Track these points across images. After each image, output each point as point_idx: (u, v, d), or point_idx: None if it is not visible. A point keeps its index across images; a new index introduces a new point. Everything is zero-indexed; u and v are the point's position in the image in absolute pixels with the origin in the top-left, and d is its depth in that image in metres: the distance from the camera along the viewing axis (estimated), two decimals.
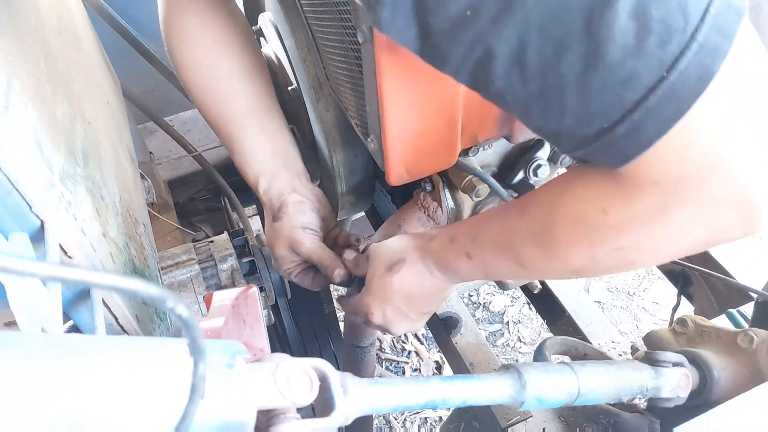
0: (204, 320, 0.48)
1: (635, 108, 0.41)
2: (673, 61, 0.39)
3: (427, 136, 0.75)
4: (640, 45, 0.39)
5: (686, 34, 0.38)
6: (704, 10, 0.38)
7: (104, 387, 0.33)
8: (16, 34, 0.55)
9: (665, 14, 0.38)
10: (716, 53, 0.39)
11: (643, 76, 0.39)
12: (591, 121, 0.43)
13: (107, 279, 0.25)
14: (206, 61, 0.93)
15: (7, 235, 0.46)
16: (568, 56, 0.41)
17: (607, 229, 0.53)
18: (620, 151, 0.44)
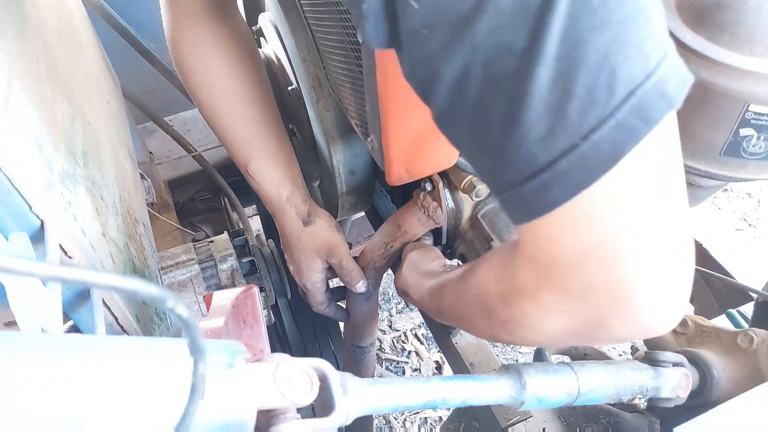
0: (204, 320, 0.48)
1: (547, 167, 0.41)
2: (589, 131, 0.39)
3: (427, 136, 0.75)
4: (562, 107, 0.39)
5: (607, 108, 0.39)
6: (630, 92, 0.39)
7: (104, 387, 0.33)
8: (16, 34, 0.55)
9: (592, 84, 0.38)
10: (631, 135, 0.39)
11: (559, 139, 0.40)
12: (505, 171, 0.44)
13: (107, 279, 0.25)
14: (219, 71, 0.94)
15: (7, 235, 0.46)
16: (499, 98, 0.41)
17: (497, 299, 0.55)
18: (526, 207, 0.44)
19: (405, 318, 2.52)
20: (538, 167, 0.41)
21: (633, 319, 0.46)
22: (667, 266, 0.45)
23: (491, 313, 0.58)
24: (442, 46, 0.41)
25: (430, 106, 0.47)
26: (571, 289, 0.47)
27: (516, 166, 0.43)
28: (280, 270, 1.18)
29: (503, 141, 0.42)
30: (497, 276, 0.56)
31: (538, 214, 0.44)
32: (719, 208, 2.95)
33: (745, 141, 0.73)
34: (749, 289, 1.01)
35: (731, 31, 0.70)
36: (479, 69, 0.41)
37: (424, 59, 0.43)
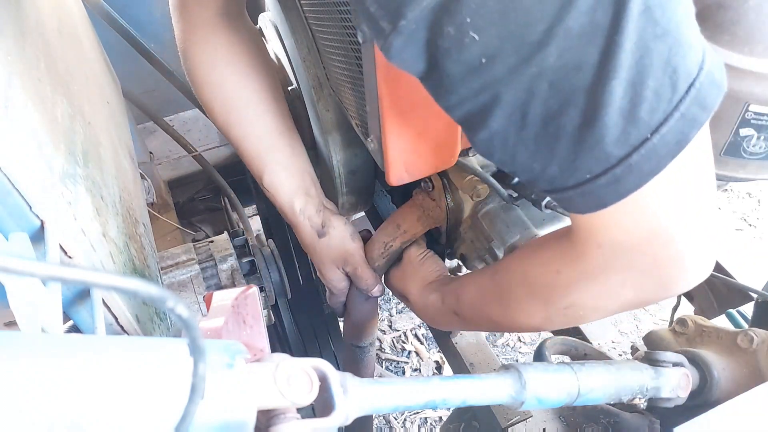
0: (204, 320, 0.48)
1: (618, 163, 0.45)
2: (658, 125, 0.43)
3: (427, 136, 0.75)
4: (633, 110, 0.43)
5: (672, 103, 0.43)
6: (690, 84, 0.43)
7: (104, 387, 0.33)
8: (17, 34, 0.55)
9: (659, 86, 0.42)
10: (693, 123, 0.44)
11: (631, 137, 0.44)
12: (575, 172, 0.47)
13: (107, 279, 0.25)
14: (234, 81, 0.94)
15: (7, 235, 0.46)
16: (570, 110, 0.44)
17: (559, 287, 0.61)
18: (596, 199, 0.48)
19: (405, 318, 2.52)
20: (610, 164, 0.45)
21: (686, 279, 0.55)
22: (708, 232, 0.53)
23: (549, 302, 0.63)
24: (507, 72, 0.43)
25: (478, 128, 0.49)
26: (638, 267, 0.54)
27: (587, 167, 0.46)
28: (280, 270, 1.18)
29: (575, 147, 0.46)
30: (557, 267, 0.60)
31: (609, 203, 0.48)
32: (719, 208, 2.94)
33: (745, 141, 0.73)
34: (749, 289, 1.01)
35: (731, 31, 0.70)
36: (545, 87, 0.43)
37: (481, 87, 0.45)
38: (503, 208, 0.92)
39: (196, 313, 1.01)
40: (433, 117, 0.72)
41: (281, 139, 0.98)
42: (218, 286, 1.10)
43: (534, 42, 0.41)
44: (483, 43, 0.42)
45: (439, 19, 0.42)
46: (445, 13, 0.41)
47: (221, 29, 0.92)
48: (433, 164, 0.82)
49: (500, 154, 0.50)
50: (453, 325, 0.87)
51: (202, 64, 0.94)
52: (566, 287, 0.60)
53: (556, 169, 0.48)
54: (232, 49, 0.93)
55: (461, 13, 0.41)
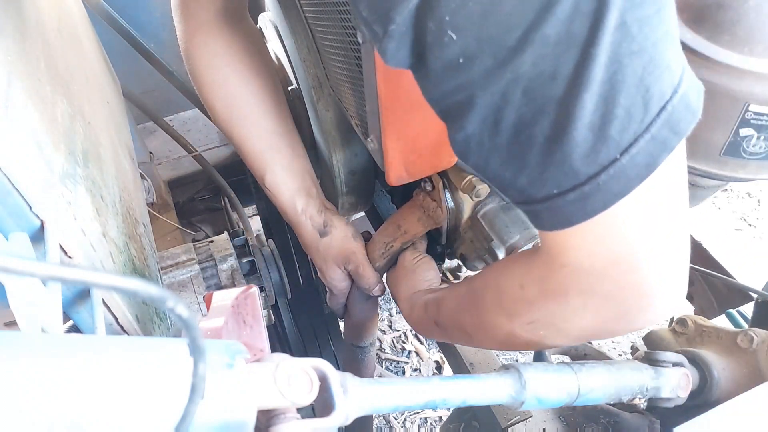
0: (204, 320, 0.48)
1: (587, 181, 0.44)
2: (627, 146, 0.43)
3: (427, 136, 0.75)
4: (604, 127, 0.42)
5: (643, 124, 0.42)
6: (662, 106, 0.42)
7: (104, 387, 0.33)
8: (16, 34, 0.55)
9: (630, 104, 0.42)
10: (664, 146, 0.43)
11: (600, 155, 0.43)
12: (544, 185, 0.46)
13: (107, 279, 0.25)
14: (236, 82, 0.95)
15: (7, 235, 0.46)
16: (542, 120, 0.43)
17: (523, 302, 0.60)
18: (563, 216, 0.47)
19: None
20: (579, 181, 0.45)
21: (651, 310, 0.53)
22: (677, 260, 0.52)
23: (513, 316, 0.62)
24: (483, 74, 0.43)
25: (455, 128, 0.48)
26: (599, 292, 0.52)
27: (556, 181, 0.46)
28: (280, 270, 1.18)
29: (545, 159, 0.45)
30: (521, 282, 0.60)
31: (576, 221, 0.47)
32: (719, 208, 2.95)
33: (745, 141, 0.73)
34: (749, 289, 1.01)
35: (731, 31, 0.70)
36: (519, 94, 0.43)
37: (458, 86, 0.45)
38: (503, 208, 0.92)
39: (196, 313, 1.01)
40: (433, 117, 0.72)
41: (282, 139, 0.98)
42: (218, 286, 1.10)
43: (511, 47, 0.41)
44: (461, 43, 0.42)
45: (422, 15, 0.42)
46: (427, 8, 0.42)
47: (222, 30, 0.93)
48: (433, 164, 0.82)
49: (475, 159, 0.50)
50: (434, 335, 0.86)
51: (204, 65, 0.94)
52: (529, 303, 0.60)
53: (525, 180, 0.48)
54: (233, 50, 0.94)
55: (441, 10, 0.41)
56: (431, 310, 0.83)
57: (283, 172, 0.98)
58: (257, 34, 1.01)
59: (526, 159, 0.46)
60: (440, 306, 0.81)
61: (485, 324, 0.68)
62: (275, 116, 0.98)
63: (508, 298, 0.63)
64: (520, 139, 0.45)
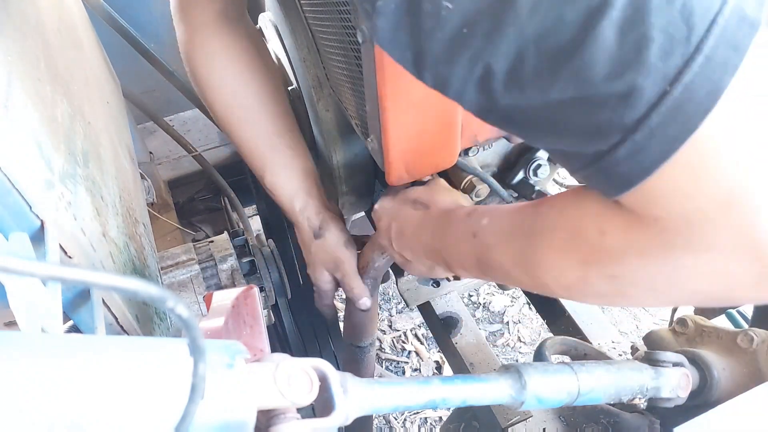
0: (204, 320, 0.48)
1: (637, 127, 0.37)
2: (677, 73, 0.36)
3: (427, 136, 0.75)
4: (639, 56, 0.36)
5: (690, 45, 0.35)
6: (711, 21, 0.35)
7: (104, 387, 0.33)
8: (16, 34, 0.55)
9: (666, 23, 0.35)
10: (725, 67, 0.36)
11: (644, 90, 0.36)
12: (590, 141, 0.41)
13: (107, 279, 0.25)
14: (235, 83, 0.95)
15: (7, 235, 0.46)
16: (563, 72, 0.38)
17: (602, 251, 0.48)
18: (621, 176, 0.41)
19: (405, 318, 2.52)
20: (625, 129, 0.38)
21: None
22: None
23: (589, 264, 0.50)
24: (487, 36, 0.39)
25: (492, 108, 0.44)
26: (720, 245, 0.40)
27: (600, 135, 0.39)
28: (280, 270, 1.18)
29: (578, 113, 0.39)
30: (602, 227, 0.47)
31: (634, 182, 0.40)
32: None
33: None
34: None
35: None
36: (532, 48, 0.38)
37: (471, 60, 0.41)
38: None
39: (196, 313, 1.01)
40: (433, 117, 0.72)
41: (282, 139, 0.98)
42: (218, 286, 1.10)
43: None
44: (458, 10, 0.39)
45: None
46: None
47: (221, 32, 0.93)
48: (433, 164, 0.82)
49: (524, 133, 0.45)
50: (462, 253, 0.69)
51: (204, 67, 0.95)
52: (612, 255, 0.47)
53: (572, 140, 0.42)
54: (232, 51, 0.94)
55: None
56: (475, 217, 0.67)
57: (283, 172, 0.98)
58: (256, 35, 1.01)
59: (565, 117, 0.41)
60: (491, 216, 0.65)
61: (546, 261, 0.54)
62: (275, 116, 0.98)
63: (583, 242, 0.49)
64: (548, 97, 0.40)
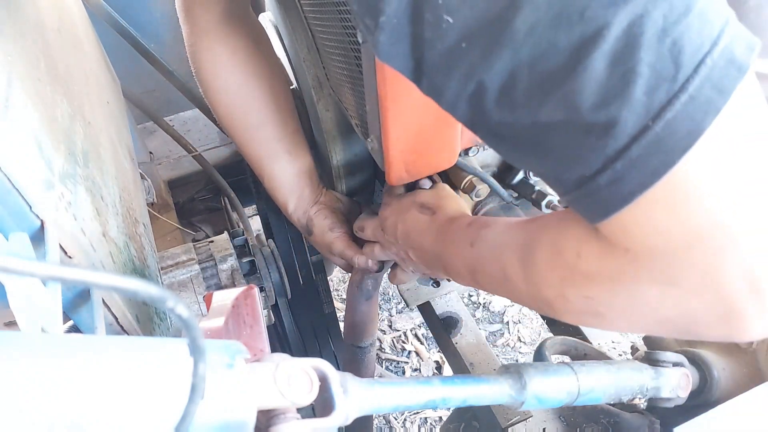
0: (204, 320, 0.48)
1: (618, 156, 0.38)
2: (660, 110, 0.37)
3: (427, 136, 0.75)
4: (625, 90, 0.37)
5: (676, 83, 0.36)
6: (699, 61, 0.36)
7: (104, 387, 0.33)
8: (16, 34, 0.55)
9: (655, 60, 0.36)
10: (708, 108, 0.36)
11: (627, 123, 0.37)
12: (573, 167, 0.41)
13: (107, 279, 0.25)
14: (237, 88, 0.98)
15: (7, 235, 0.46)
16: (552, 96, 0.39)
17: (578, 273, 0.49)
18: (601, 203, 0.41)
19: (405, 318, 2.52)
20: (607, 157, 0.39)
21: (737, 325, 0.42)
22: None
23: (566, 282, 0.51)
24: (483, 53, 0.40)
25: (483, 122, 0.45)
26: (684, 281, 0.41)
27: (583, 161, 0.40)
28: (280, 270, 1.18)
29: (563, 137, 0.40)
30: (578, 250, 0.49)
31: (612, 210, 0.41)
32: None
33: None
34: None
35: None
36: (525, 70, 0.39)
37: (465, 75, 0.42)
38: (503, 208, 0.92)
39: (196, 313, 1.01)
40: (433, 117, 0.72)
41: (281, 144, 1.02)
42: (218, 286, 1.10)
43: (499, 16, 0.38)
44: (458, 24, 0.39)
45: (418, 6, 0.40)
46: None
47: (225, 34, 0.95)
48: (433, 164, 0.82)
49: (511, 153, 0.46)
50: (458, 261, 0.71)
51: (208, 70, 0.97)
52: (586, 277, 0.49)
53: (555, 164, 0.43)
54: (236, 55, 0.96)
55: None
56: (474, 228, 0.70)
57: (279, 177, 1.04)
58: (261, 33, 1.02)
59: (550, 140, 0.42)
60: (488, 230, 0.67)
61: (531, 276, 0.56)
62: (276, 121, 1.01)
63: (562, 261, 0.51)
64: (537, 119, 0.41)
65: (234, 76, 0.97)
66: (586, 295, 0.50)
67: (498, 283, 0.64)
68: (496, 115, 0.43)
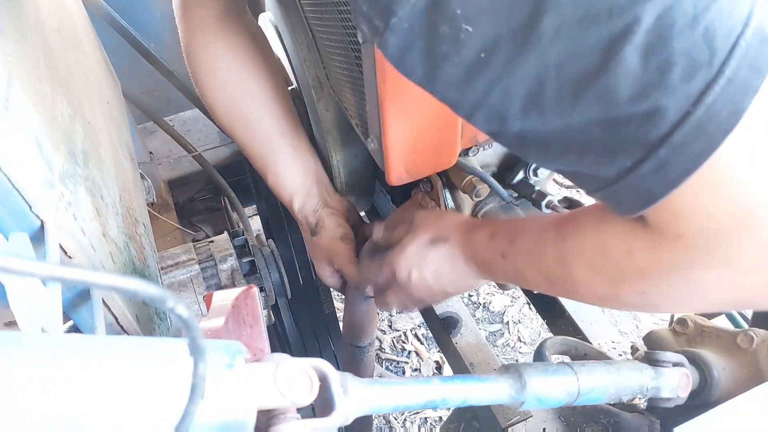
0: (204, 320, 0.48)
1: (661, 143, 0.39)
2: (700, 95, 0.37)
3: (427, 136, 0.75)
4: (662, 78, 0.37)
5: (713, 67, 0.37)
6: (733, 43, 0.37)
7: (104, 387, 0.33)
8: (16, 34, 0.55)
9: (689, 47, 0.37)
10: (747, 88, 0.37)
11: (668, 111, 0.38)
12: (613, 159, 0.42)
13: (107, 279, 0.25)
14: (235, 84, 0.96)
15: (7, 235, 0.46)
16: (587, 95, 0.39)
17: (630, 270, 0.50)
18: (646, 191, 0.42)
19: (405, 318, 2.52)
20: (651, 145, 0.39)
21: None
22: None
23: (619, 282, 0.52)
24: (507, 60, 0.40)
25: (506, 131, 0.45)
26: (739, 261, 0.43)
27: (625, 152, 0.41)
28: (280, 270, 1.18)
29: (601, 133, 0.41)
30: (628, 247, 0.50)
31: (658, 196, 0.41)
32: None
33: None
34: None
35: None
36: (553, 73, 0.39)
37: (488, 85, 0.42)
38: (503, 208, 0.92)
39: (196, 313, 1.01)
40: (433, 117, 0.72)
41: (284, 139, 1.00)
42: (218, 286, 1.10)
43: (524, 22, 0.38)
44: (478, 34, 0.39)
45: (433, 19, 0.40)
46: (437, 8, 0.40)
47: (223, 31, 0.93)
48: (433, 164, 0.82)
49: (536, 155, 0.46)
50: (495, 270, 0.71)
51: (204, 69, 0.95)
52: (639, 273, 0.50)
53: (592, 160, 0.43)
54: (233, 52, 0.95)
55: (450, 5, 0.39)
56: (500, 239, 0.69)
57: (283, 173, 1.00)
58: (258, 31, 1.01)
59: (586, 138, 0.42)
60: (515, 239, 0.67)
61: (579, 280, 0.57)
62: (277, 117, 0.99)
63: (611, 262, 0.52)
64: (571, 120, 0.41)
65: (232, 71, 0.95)
66: (640, 290, 0.51)
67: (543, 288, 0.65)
68: (521, 121, 0.43)
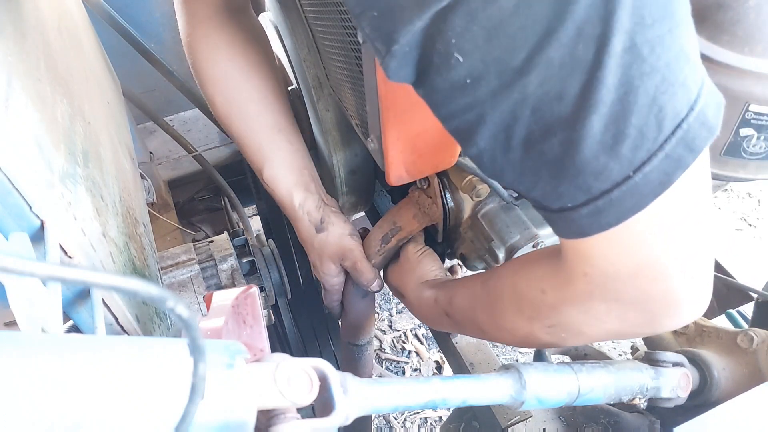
0: (204, 320, 0.48)
1: (600, 196, 0.45)
2: (640, 164, 0.44)
3: (427, 137, 0.75)
4: (615, 146, 0.43)
5: (656, 143, 0.43)
6: (677, 125, 0.43)
7: (104, 387, 0.33)
8: (16, 34, 0.55)
9: (643, 124, 0.42)
10: (679, 164, 0.44)
11: (613, 173, 0.44)
12: (557, 199, 0.48)
13: (107, 279, 0.25)
14: (236, 77, 0.95)
15: (7, 235, 0.46)
16: (552, 139, 0.44)
17: (544, 307, 0.60)
18: (578, 227, 0.49)
19: (405, 318, 2.52)
20: (592, 196, 0.46)
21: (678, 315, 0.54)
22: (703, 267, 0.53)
23: (534, 319, 0.63)
24: (491, 93, 0.44)
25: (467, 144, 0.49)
26: (624, 299, 0.53)
27: (569, 195, 0.47)
28: (280, 270, 1.18)
29: (557, 174, 0.46)
30: (542, 286, 0.60)
31: (591, 233, 0.48)
32: (719, 208, 2.95)
33: (745, 141, 0.73)
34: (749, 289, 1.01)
35: (731, 31, 0.69)
36: (528, 113, 0.44)
37: (467, 105, 0.46)
38: (503, 208, 0.92)
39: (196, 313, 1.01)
40: (432, 117, 0.72)
41: (281, 134, 0.98)
42: (218, 286, 1.10)
43: (516, 68, 0.42)
44: (467, 65, 0.43)
45: (430, 37, 0.43)
46: (435, 32, 0.42)
47: (223, 24, 0.93)
48: (433, 164, 0.82)
49: (490, 170, 0.51)
50: (444, 326, 0.87)
51: (205, 60, 0.94)
52: (551, 308, 0.60)
53: (539, 193, 0.49)
54: (234, 44, 0.94)
55: (447, 33, 0.42)
56: (442, 302, 0.84)
57: (281, 166, 0.98)
58: (260, 28, 1.01)
59: (539, 174, 0.47)
60: (452, 300, 0.81)
61: (502, 324, 0.69)
62: (275, 111, 0.98)
63: (528, 302, 0.63)
64: (531, 155, 0.46)
65: (233, 63, 0.94)
66: (550, 324, 0.61)
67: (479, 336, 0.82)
68: (487, 143, 0.48)
